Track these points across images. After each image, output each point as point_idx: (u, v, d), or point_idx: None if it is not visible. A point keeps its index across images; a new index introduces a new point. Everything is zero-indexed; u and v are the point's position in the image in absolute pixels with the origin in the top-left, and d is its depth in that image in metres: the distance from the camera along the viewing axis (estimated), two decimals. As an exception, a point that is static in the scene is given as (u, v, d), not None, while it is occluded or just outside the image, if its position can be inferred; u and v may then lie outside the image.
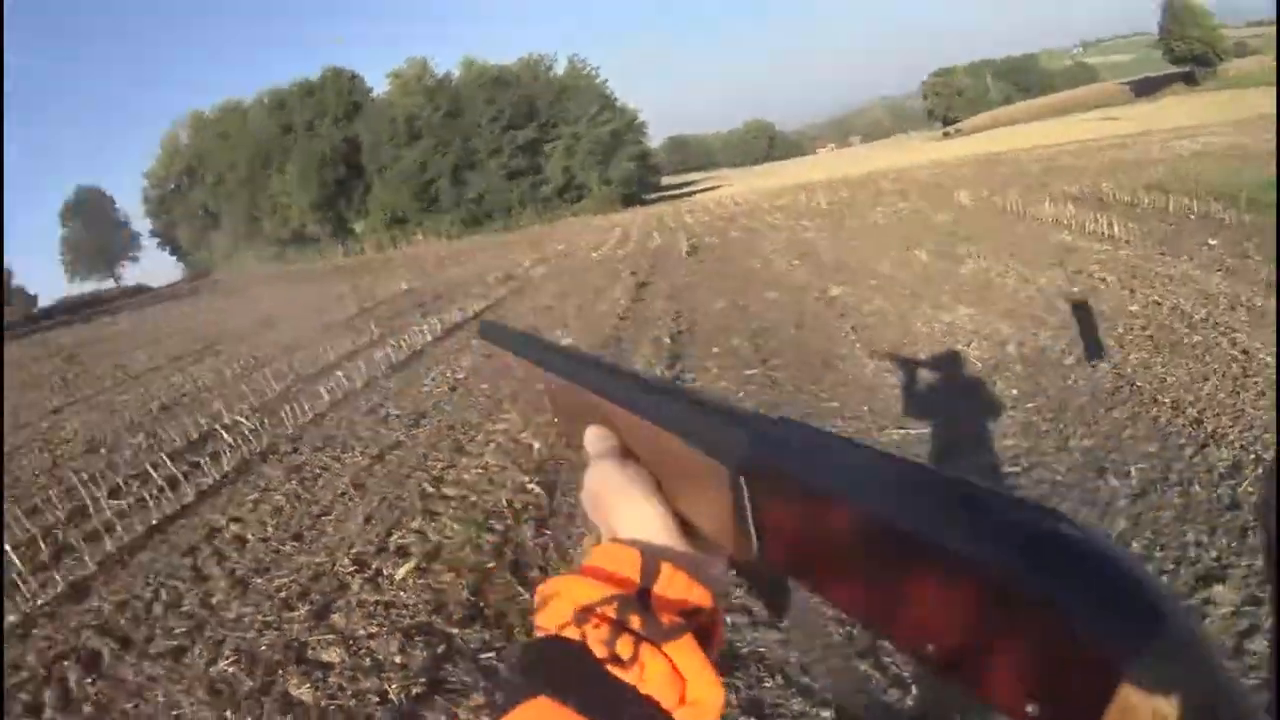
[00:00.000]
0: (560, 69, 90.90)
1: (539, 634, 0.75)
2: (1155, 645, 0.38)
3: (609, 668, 0.69)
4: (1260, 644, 4.31)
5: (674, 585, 0.74)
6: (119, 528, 9.13)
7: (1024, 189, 26.35)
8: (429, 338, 17.89)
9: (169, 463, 11.30)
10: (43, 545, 9.11)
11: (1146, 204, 19.61)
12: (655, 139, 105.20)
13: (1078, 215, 18.77)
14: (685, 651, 0.70)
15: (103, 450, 14.10)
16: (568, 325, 16.62)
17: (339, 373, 15.26)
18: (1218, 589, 4.84)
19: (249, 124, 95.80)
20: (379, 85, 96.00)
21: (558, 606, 0.74)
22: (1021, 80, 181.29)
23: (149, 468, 11.21)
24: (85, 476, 11.74)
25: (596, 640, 0.69)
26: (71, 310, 77.88)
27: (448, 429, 10.82)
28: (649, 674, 0.69)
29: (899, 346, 11.32)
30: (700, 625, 0.74)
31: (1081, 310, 11.31)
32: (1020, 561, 0.43)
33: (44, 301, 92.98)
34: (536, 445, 9.27)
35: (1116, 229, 16.36)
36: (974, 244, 18.01)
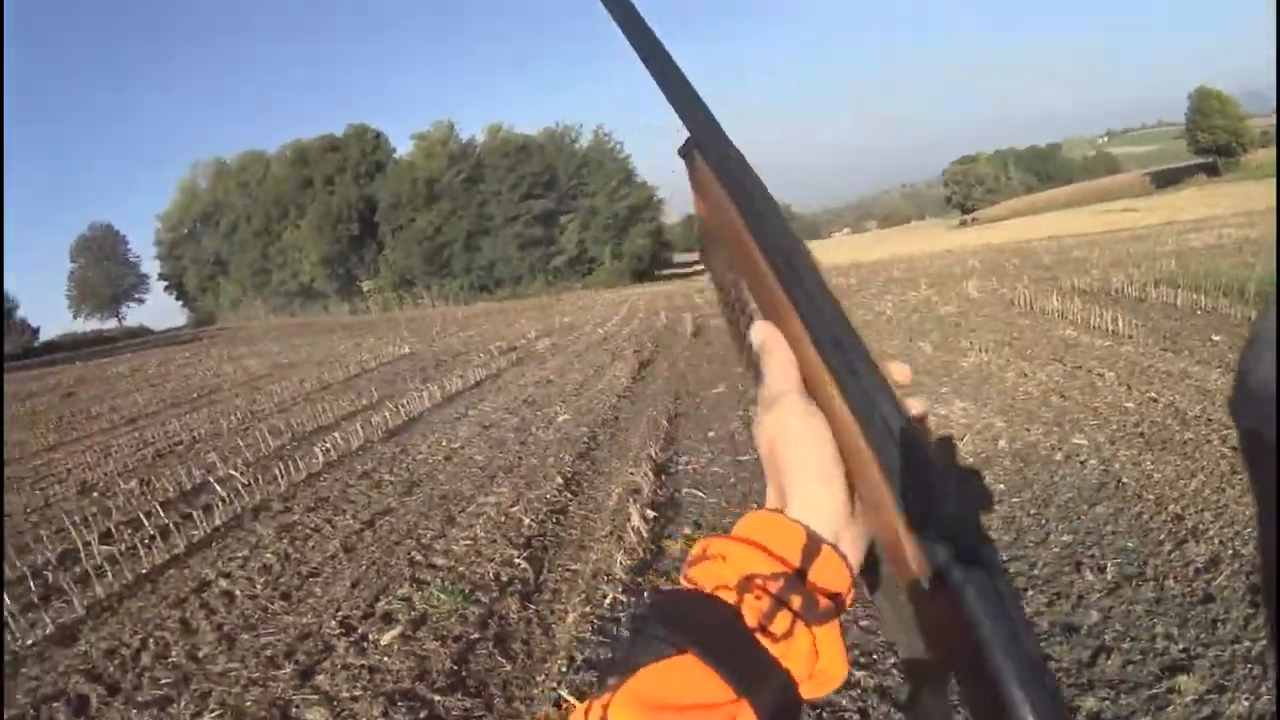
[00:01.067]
0: (586, 141, 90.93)
1: (688, 586, 0.78)
2: None
3: (757, 636, 0.72)
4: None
5: (828, 571, 0.76)
6: (109, 573, 9.15)
7: (1034, 281, 26.02)
8: (427, 404, 17.85)
9: (161, 511, 11.37)
10: (32, 585, 9.14)
11: (1154, 298, 19.54)
12: (673, 214, 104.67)
13: (1084, 310, 18.59)
14: (830, 634, 0.74)
15: (95, 494, 14.13)
16: (565, 400, 16.59)
17: (335, 434, 15.25)
18: (1182, 679, 4.94)
19: (270, 175, 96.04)
20: (403, 145, 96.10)
21: (719, 569, 0.76)
22: (1043, 169, 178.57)
23: (141, 515, 11.23)
24: (77, 519, 11.78)
25: (753, 609, 0.72)
26: (72, 347, 77.65)
27: (440, 498, 10.80)
28: (794, 649, 0.72)
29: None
30: (840, 608, 0.77)
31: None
32: None
33: (45, 335, 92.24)
34: (526, 520, 9.27)
35: (1121, 324, 16.22)
36: (978, 336, 17.83)
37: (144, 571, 9.24)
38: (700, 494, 9.58)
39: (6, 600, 8.33)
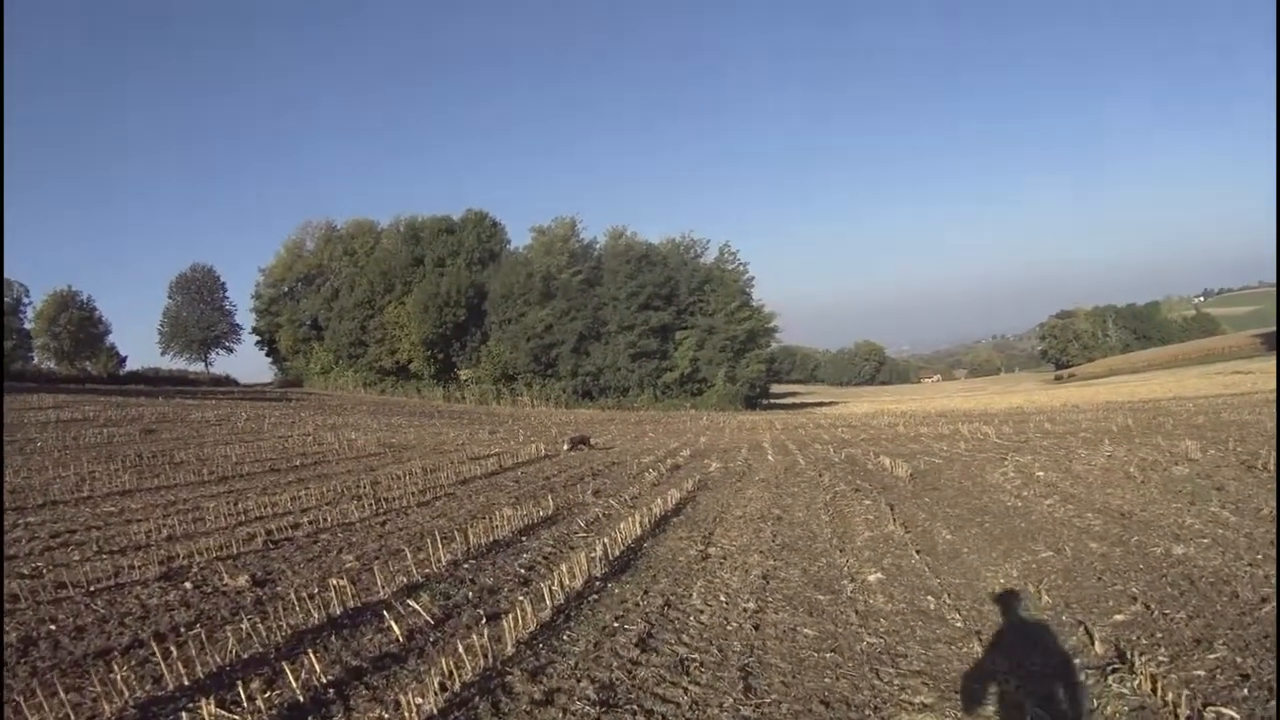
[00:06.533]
0: (710, 256, 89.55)
1: None
2: None
3: None
4: None
5: None
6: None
7: (1238, 442, 20.21)
8: (637, 530, 13.20)
9: (314, 663, 6.78)
10: None
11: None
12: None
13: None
14: None
15: (187, 584, 9.87)
16: (842, 551, 12.16)
17: (528, 555, 11.42)
18: None
19: (379, 247, 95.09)
20: (519, 237, 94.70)
21: None
22: (1140, 328, 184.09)
23: (285, 663, 6.78)
24: (164, 628, 7.81)
25: None
26: (155, 382, 75.76)
27: (821, 702, 6.33)
28: None
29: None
30: None
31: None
32: None
33: (130, 366, 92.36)
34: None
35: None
36: (1265, 499, 13.30)
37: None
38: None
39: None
